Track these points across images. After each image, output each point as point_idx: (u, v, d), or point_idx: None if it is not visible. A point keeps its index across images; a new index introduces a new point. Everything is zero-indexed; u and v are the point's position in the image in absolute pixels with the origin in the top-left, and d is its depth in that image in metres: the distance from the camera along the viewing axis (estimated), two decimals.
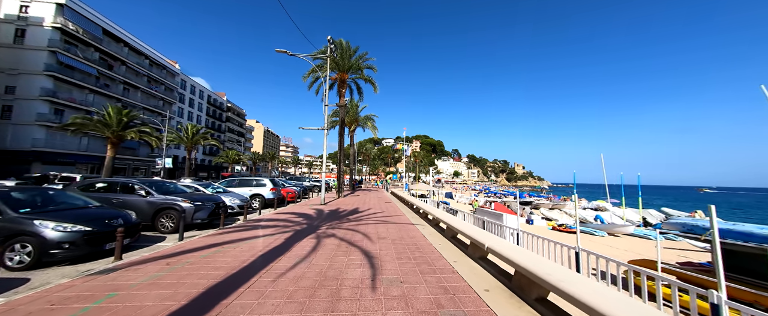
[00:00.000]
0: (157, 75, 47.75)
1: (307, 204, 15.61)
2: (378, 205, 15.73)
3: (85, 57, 34.95)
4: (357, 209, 13.55)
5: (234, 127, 78.60)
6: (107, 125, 24.17)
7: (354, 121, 33.92)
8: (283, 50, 15.14)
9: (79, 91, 34.89)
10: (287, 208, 13.54)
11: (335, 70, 21.37)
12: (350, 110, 33.21)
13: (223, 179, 14.92)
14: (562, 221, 29.68)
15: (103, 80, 38.12)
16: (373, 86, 22.44)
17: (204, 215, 8.46)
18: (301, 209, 13.29)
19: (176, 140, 36.09)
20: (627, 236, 22.72)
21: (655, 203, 48.10)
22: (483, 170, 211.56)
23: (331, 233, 7.62)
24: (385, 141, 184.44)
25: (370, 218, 10.48)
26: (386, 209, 13.96)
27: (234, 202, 11.34)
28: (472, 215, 14.40)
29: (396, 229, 8.56)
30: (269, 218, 10.22)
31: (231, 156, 52.08)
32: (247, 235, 7.27)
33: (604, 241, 20.43)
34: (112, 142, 25.03)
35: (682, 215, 31.53)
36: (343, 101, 20.71)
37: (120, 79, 40.19)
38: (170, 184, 9.96)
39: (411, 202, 13.78)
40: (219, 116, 71.41)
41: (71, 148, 33.83)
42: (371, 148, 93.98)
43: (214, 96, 69.90)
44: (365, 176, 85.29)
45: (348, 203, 16.77)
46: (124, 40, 40.86)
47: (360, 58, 21.25)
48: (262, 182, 14.49)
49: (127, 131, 24.88)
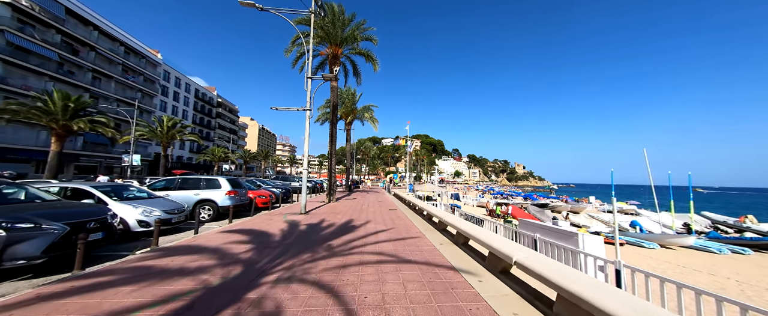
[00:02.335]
0: (135, 64, 43.33)
1: (283, 212, 11.36)
2: (379, 214, 11.48)
3: (43, 39, 30.54)
4: (349, 222, 9.27)
5: (225, 124, 74.16)
6: (48, 113, 19.82)
7: (351, 113, 29.59)
8: (250, 3, 10.89)
9: (36, 77, 30.47)
10: (249, 221, 9.26)
11: (325, 43, 17.07)
12: (346, 99, 28.92)
13: (158, 179, 10.57)
14: (594, 227, 25.45)
15: (68, 67, 33.72)
16: (373, 64, 18.14)
17: (33, 250, 4.19)
18: (268, 222, 9.02)
19: (149, 135, 31.69)
20: (682, 248, 18.60)
21: (667, 205, 43.90)
22: (483, 169, 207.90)
23: (280, 302, 3.37)
24: (385, 140, 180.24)
25: (367, 245, 6.22)
26: (391, 220, 9.71)
27: (149, 215, 7.06)
28: (509, 227, 10.20)
29: (417, 275, 4.30)
30: (195, 246, 5.94)
31: (217, 154, 47.65)
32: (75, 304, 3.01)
33: (659, 255, 16.32)
34: (58, 134, 20.71)
35: (729, 221, 27.41)
36: (334, 81, 16.43)
37: (88, 66, 35.77)
38: (15, 189, 5.68)
39: (429, 212, 9.51)
40: (208, 112, 66.97)
41: (26, 144, 29.47)
42: (370, 147, 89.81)
43: (203, 90, 65.47)
44: (364, 176, 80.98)
45: (339, 210, 12.51)
46: (94, 24, 36.44)
47: (357, 27, 16.96)
48: (216, 183, 10.20)
49: (74, 121, 20.52)
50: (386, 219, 10.05)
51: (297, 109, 11.47)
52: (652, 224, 25.92)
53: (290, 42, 16.54)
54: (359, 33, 16.87)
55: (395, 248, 5.93)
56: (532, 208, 32.82)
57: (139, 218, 6.91)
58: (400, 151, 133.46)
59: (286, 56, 16.72)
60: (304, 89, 11.65)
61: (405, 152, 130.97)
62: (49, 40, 31.25)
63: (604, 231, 22.34)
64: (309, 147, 11.75)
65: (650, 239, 19.19)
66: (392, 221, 9.52)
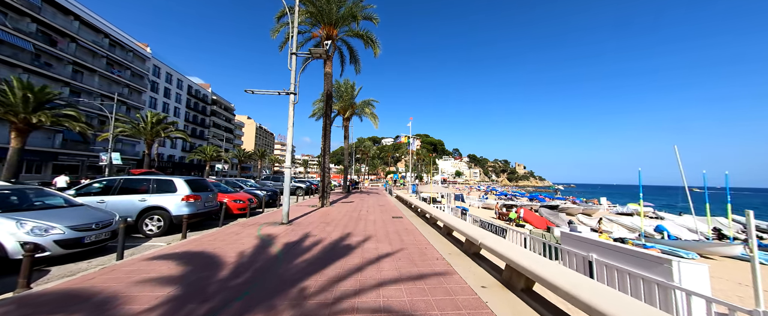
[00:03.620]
0: (121, 58, 40.94)
1: (262, 222, 9.05)
2: (381, 224, 9.16)
3: (16, 28, 28.20)
4: (341, 240, 6.95)
5: (220, 123, 71.75)
6: (5, 104, 17.49)
7: (349, 108, 27.23)
8: None
9: (8, 69, 28.06)
10: (208, 236, 6.94)
11: (318, 24, 14.75)
12: (344, 93, 26.59)
13: (95, 181, 8.20)
14: (617, 232, 23.13)
15: (45, 58, 31.35)
16: (374, 48, 15.77)
17: None
18: (233, 239, 6.70)
19: (131, 131, 29.31)
20: (722, 258, 16.35)
21: (677, 207, 41.53)
22: (484, 169, 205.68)
23: None
24: (384, 140, 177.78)
25: (364, 290, 3.88)
26: (397, 235, 7.40)
27: (44, 234, 4.74)
28: (537, 237, 8.03)
29: None
30: (83, 292, 3.62)
31: (208, 152, 45.27)
32: None
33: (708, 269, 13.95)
34: (19, 129, 18.36)
35: (762, 224, 25.13)
36: (328, 61, 14.13)
37: (68, 58, 33.40)
38: None
39: (448, 224, 7.18)
40: (202, 110, 64.61)
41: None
42: (370, 146, 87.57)
43: (197, 87, 63.06)
44: (364, 176, 78.67)
45: (332, 218, 10.20)
46: (75, 13, 34.06)
47: (355, 4, 14.62)
48: (169, 185, 7.83)
49: (37, 114, 18.18)
50: (390, 233, 7.72)
51: (278, 93, 9.15)
52: (678, 229, 23.59)
53: (275, 19, 14.16)
54: (358, 10, 14.52)
55: (410, 297, 3.60)
56: (544, 210, 30.47)
57: (23, 239, 4.58)
58: (400, 151, 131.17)
59: (273, 37, 14.36)
60: (288, 69, 9.33)
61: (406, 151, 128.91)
62: (22, 29, 28.90)
63: (628, 237, 20.06)
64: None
65: (686, 248, 16.85)
66: (399, 237, 7.20)
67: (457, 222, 6.67)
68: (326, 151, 13.96)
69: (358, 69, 17.76)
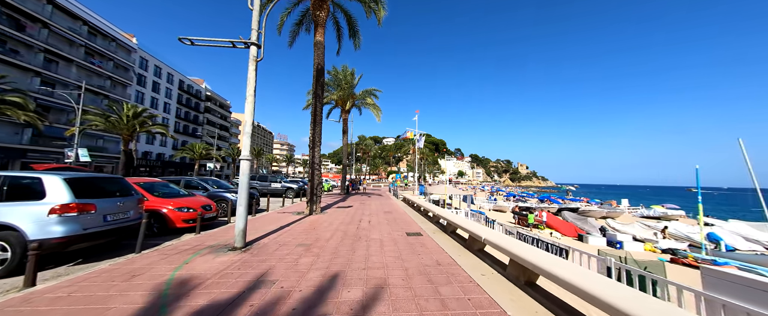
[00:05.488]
0: (103, 48, 37.82)
1: (204, 245, 5.81)
2: (391, 247, 5.86)
3: None
4: (321, 297, 3.63)
5: (215, 120, 68.58)
6: None
7: (349, 98, 23.96)
8: None
9: None
10: (83, 280, 3.67)
11: None
12: (343, 81, 23.32)
13: None
14: (661, 243, 19.73)
15: (11, 45, 28.22)
16: (377, 15, 12.51)
17: None
18: (123, 286, 3.39)
19: (104, 125, 26.08)
20: None
21: (757, 213, 37.92)
22: (486, 169, 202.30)
23: None
24: (386, 140, 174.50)
25: None
26: (427, 281, 4.13)
27: None
28: (635, 271, 4.59)
29: None
30: None
31: (197, 150, 42.06)
32: None
33: None
34: None
35: None
36: (319, 32, 10.87)
37: (40, 46, 30.26)
38: None
39: (528, 262, 3.79)
40: (195, 106, 61.48)
41: None
42: (371, 145, 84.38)
43: (189, 82, 59.91)
44: (364, 176, 75.37)
45: (316, 236, 6.94)
46: None
47: None
48: (34, 187, 4.58)
49: None
50: (413, 275, 4.42)
51: (232, 45, 5.86)
52: (734, 238, 20.16)
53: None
54: None
55: None
56: (569, 214, 27.02)
57: None
58: (402, 150, 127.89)
59: None
60: (250, 8, 6.06)
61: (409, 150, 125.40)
62: None
63: (679, 249, 16.71)
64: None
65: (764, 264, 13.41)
66: (434, 290, 3.92)
67: (548, 261, 3.35)
68: (316, 141, 10.67)
69: (358, 44, 14.47)
